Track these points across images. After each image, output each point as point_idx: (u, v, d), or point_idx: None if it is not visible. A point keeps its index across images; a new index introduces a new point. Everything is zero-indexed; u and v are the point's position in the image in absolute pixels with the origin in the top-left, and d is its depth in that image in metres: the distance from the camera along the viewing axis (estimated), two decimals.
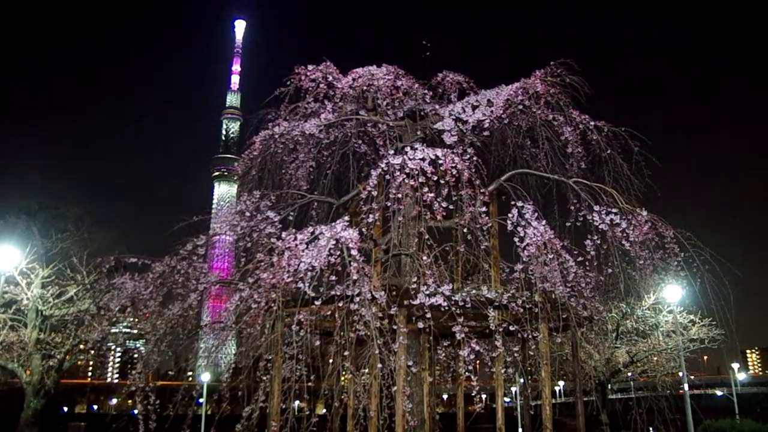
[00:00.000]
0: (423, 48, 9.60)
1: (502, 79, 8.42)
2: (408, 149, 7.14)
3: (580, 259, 7.25)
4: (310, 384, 6.77)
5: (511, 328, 6.82)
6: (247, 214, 8.15)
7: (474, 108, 8.15)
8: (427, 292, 6.59)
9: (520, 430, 18.67)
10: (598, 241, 7.32)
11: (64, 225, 16.94)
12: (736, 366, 43.74)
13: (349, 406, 8.13)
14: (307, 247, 6.60)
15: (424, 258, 6.74)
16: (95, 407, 73.43)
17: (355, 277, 6.20)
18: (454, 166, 6.91)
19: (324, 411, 8.03)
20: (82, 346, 16.34)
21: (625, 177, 7.76)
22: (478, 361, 7.95)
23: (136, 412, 8.16)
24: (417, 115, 8.38)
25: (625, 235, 7.27)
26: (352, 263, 6.28)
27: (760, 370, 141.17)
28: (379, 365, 6.16)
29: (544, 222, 7.18)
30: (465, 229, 7.04)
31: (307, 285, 6.29)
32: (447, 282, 7.04)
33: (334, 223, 6.85)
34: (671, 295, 15.11)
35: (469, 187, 6.90)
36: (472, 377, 6.93)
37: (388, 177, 7.05)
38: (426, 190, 6.84)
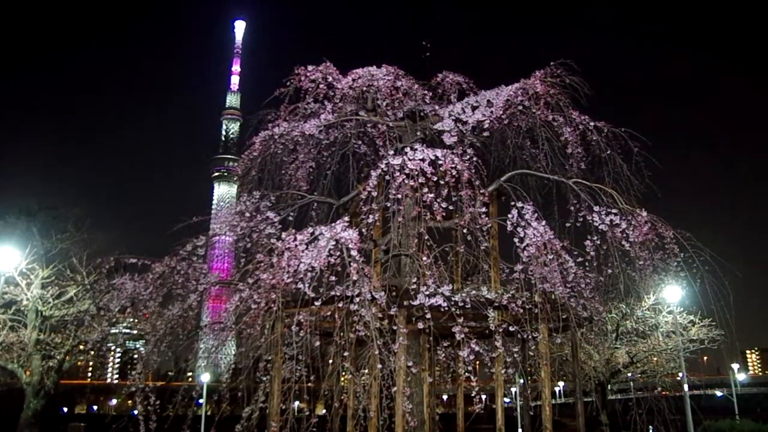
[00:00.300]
0: (423, 48, 9.62)
1: (502, 80, 8.44)
2: (408, 150, 7.14)
3: (580, 259, 7.25)
4: (309, 384, 6.77)
5: (510, 329, 6.81)
6: (247, 215, 8.15)
7: (474, 108, 8.15)
8: (426, 293, 6.59)
9: (520, 431, 18.66)
10: (598, 242, 7.32)
11: (63, 226, 16.96)
12: (735, 366, 43.75)
13: (349, 407, 8.13)
14: (306, 248, 6.60)
15: (424, 258, 6.74)
16: (95, 408, 73.36)
17: (354, 278, 6.21)
18: (453, 166, 6.92)
19: (324, 411, 8.03)
20: (81, 347, 16.35)
21: (624, 177, 7.76)
22: (477, 362, 7.95)
23: (136, 412, 8.16)
24: (417, 115, 8.38)
25: (624, 235, 7.27)
26: (351, 264, 6.28)
27: (760, 370, 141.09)
28: (379, 366, 6.16)
29: (543, 222, 7.18)
30: (465, 230, 7.04)
31: (306, 285, 6.30)
32: (447, 282, 7.04)
33: (333, 224, 6.85)
34: (671, 295, 15.12)
35: (468, 187, 6.90)
36: (472, 378, 6.94)
37: (387, 177, 7.05)
38: (426, 190, 6.84)
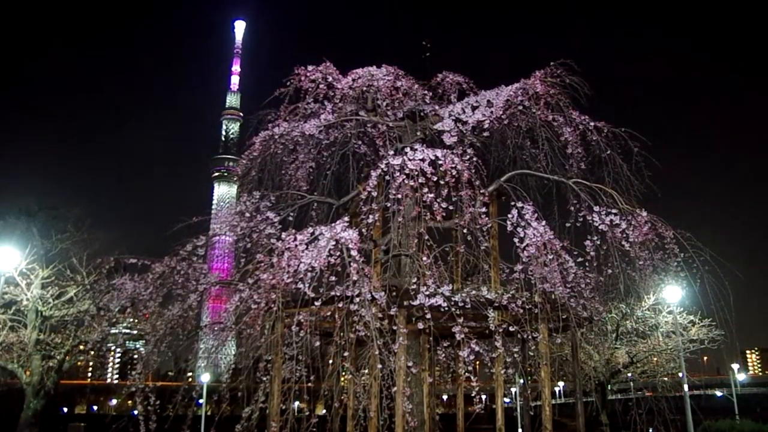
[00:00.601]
0: (423, 48, 9.62)
1: (502, 80, 8.45)
2: (408, 150, 7.14)
3: (580, 259, 7.25)
4: (309, 385, 6.77)
5: (510, 329, 6.81)
6: (247, 215, 8.15)
7: (474, 109, 8.16)
8: (426, 293, 6.59)
9: (520, 431, 18.66)
10: (598, 242, 7.32)
11: (63, 226, 16.98)
12: (735, 367, 43.72)
13: (349, 407, 8.13)
14: (306, 248, 6.60)
15: (424, 259, 6.74)
16: (95, 408, 73.34)
17: (354, 278, 6.21)
18: (453, 166, 6.92)
19: (324, 412, 8.02)
20: (81, 347, 16.35)
21: (624, 177, 7.76)
22: (477, 362, 7.95)
23: (136, 412, 8.16)
24: (417, 115, 8.39)
25: (624, 235, 7.26)
26: (351, 264, 6.28)
27: (760, 370, 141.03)
28: (379, 366, 6.16)
29: (543, 222, 7.18)
30: (465, 230, 7.04)
31: (306, 286, 6.30)
32: (447, 283, 7.04)
33: (333, 224, 6.85)
34: (671, 295, 15.12)
35: (468, 187, 6.90)
36: (472, 378, 6.93)
37: (387, 178, 7.05)
38: (426, 190, 6.84)
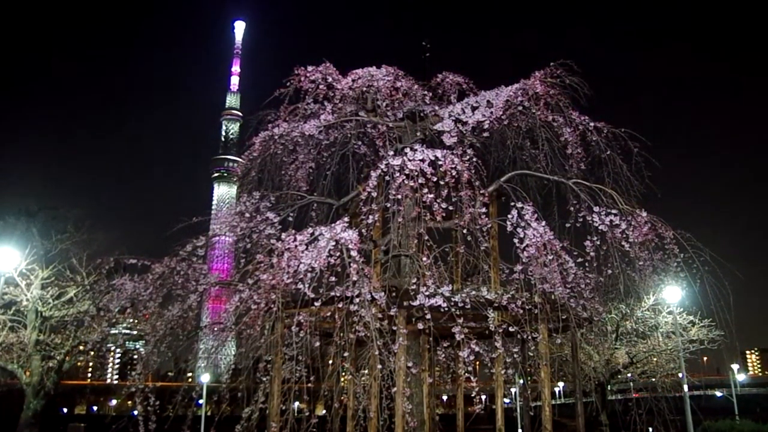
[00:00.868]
0: (423, 49, 9.62)
1: (502, 80, 8.45)
2: (408, 150, 7.15)
3: (580, 260, 7.25)
4: (309, 385, 6.77)
5: (510, 329, 6.82)
6: (247, 215, 8.15)
7: (474, 109, 8.16)
8: (426, 293, 6.59)
9: (520, 431, 18.66)
10: (598, 242, 7.32)
11: (63, 226, 16.99)
12: (735, 367, 43.69)
13: (349, 407, 8.13)
14: (306, 248, 6.60)
15: (424, 259, 6.75)
16: (95, 408, 73.30)
17: (354, 278, 6.21)
18: (453, 167, 6.92)
19: (324, 412, 8.02)
20: (81, 347, 16.35)
21: (624, 178, 7.77)
22: (477, 362, 7.96)
23: (136, 413, 8.15)
24: (417, 116, 8.39)
25: (624, 236, 7.27)
26: (351, 264, 6.28)
27: (760, 371, 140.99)
28: (379, 366, 6.17)
29: (543, 223, 7.18)
30: (465, 230, 7.04)
31: (306, 286, 6.30)
32: (447, 283, 7.04)
33: (333, 224, 6.85)
34: (671, 296, 15.12)
35: (468, 188, 6.91)
36: (472, 378, 6.94)
37: (387, 178, 7.05)
38: (426, 191, 6.85)
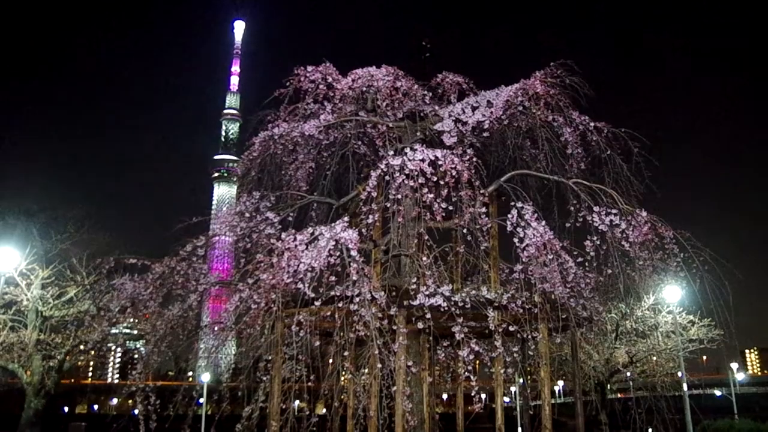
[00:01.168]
0: (423, 49, 9.63)
1: (502, 80, 8.45)
2: (407, 150, 7.16)
3: (580, 259, 7.27)
4: (309, 384, 6.78)
5: (510, 329, 6.83)
6: (247, 215, 8.16)
7: (474, 109, 8.17)
8: (426, 293, 6.60)
9: (520, 430, 18.69)
10: (598, 242, 7.33)
11: (63, 226, 16.98)
12: (735, 366, 43.70)
13: (349, 406, 8.15)
14: (306, 248, 6.62)
15: (424, 259, 6.76)
16: (96, 407, 73.35)
17: (354, 278, 6.22)
18: (453, 167, 6.93)
19: (324, 411, 8.04)
20: (82, 347, 16.36)
21: (624, 178, 7.78)
22: (477, 362, 7.96)
23: (136, 412, 8.17)
24: (417, 116, 8.40)
25: (624, 235, 7.28)
26: (351, 264, 6.29)
27: (759, 370, 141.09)
28: (379, 365, 6.17)
29: (543, 223, 7.19)
30: (464, 230, 7.05)
31: (306, 286, 6.31)
32: (446, 283, 7.06)
33: (333, 224, 6.86)
34: (670, 295, 15.16)
35: (468, 188, 6.92)
36: (472, 377, 6.94)
37: (387, 178, 7.06)
38: (425, 191, 6.85)
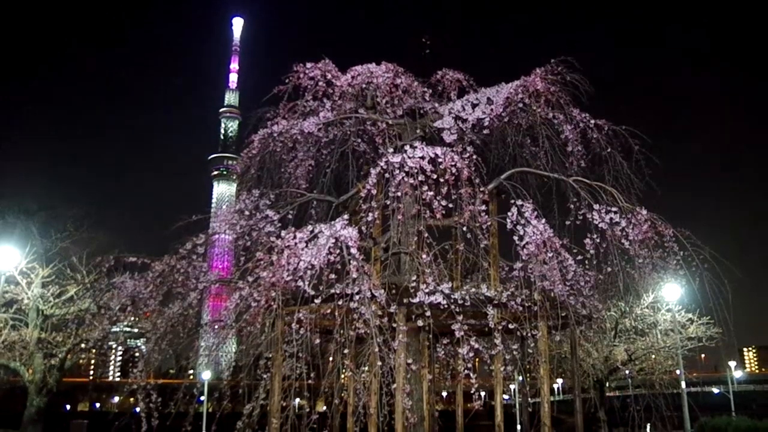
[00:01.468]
0: (422, 46, 9.61)
1: (502, 79, 8.43)
2: (407, 148, 7.15)
3: (580, 257, 7.27)
4: (310, 382, 6.80)
5: (510, 327, 6.84)
6: (247, 213, 8.16)
7: (474, 106, 8.15)
8: (426, 291, 6.61)
9: (519, 427, 18.75)
10: (598, 240, 7.33)
11: (63, 225, 16.98)
12: (733, 364, 43.75)
13: (349, 404, 8.16)
14: (306, 246, 6.62)
15: (424, 256, 6.76)
16: (97, 405, 73.51)
17: (354, 276, 6.22)
18: (453, 164, 6.92)
19: (324, 408, 8.07)
20: (83, 345, 16.37)
21: (625, 175, 7.77)
22: (477, 359, 7.97)
23: (138, 410, 8.19)
24: (416, 113, 8.38)
25: (624, 233, 7.28)
26: (351, 262, 6.29)
27: (757, 368, 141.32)
28: (379, 363, 6.18)
29: (543, 221, 7.19)
30: (464, 228, 7.05)
31: (306, 283, 6.31)
32: (446, 280, 7.06)
33: (333, 222, 6.86)
34: (670, 293, 15.18)
35: (468, 185, 6.91)
36: (471, 375, 6.95)
37: (387, 175, 7.06)
38: (425, 188, 6.85)
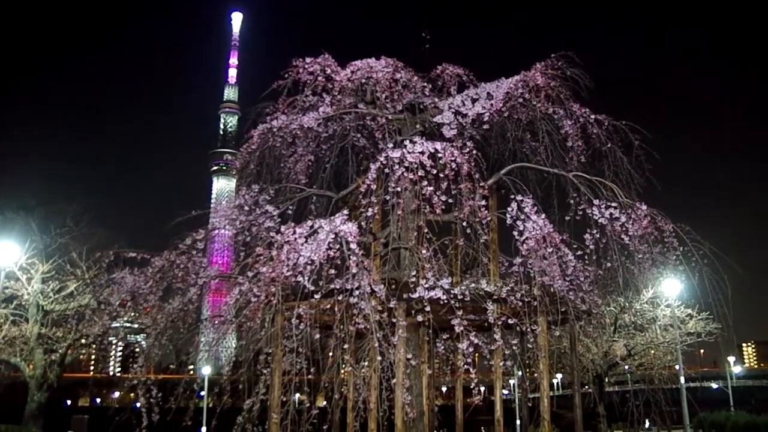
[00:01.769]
0: (422, 40, 9.55)
1: (503, 72, 8.39)
2: (407, 143, 7.13)
3: (579, 253, 7.27)
4: (310, 377, 6.82)
5: (509, 322, 6.85)
6: (246, 209, 8.14)
7: (474, 101, 8.12)
8: (426, 286, 6.61)
9: (518, 422, 18.84)
10: (598, 235, 7.32)
11: (62, 221, 16.96)
12: (731, 359, 43.95)
13: (349, 399, 8.20)
14: (306, 241, 6.61)
15: (423, 252, 6.75)
16: (98, 400, 73.83)
17: (354, 271, 6.22)
18: (453, 159, 6.91)
19: (324, 403, 8.09)
20: (83, 341, 16.42)
21: (625, 171, 7.76)
22: (476, 354, 7.99)
23: (138, 405, 8.21)
24: (416, 108, 8.35)
25: (624, 229, 7.27)
26: (351, 257, 6.29)
27: (756, 363, 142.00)
28: (379, 358, 6.20)
29: (543, 216, 7.18)
30: (464, 223, 7.05)
31: (306, 279, 6.32)
32: (446, 275, 7.05)
33: (333, 217, 6.85)
34: (669, 289, 15.21)
35: (468, 180, 6.90)
36: (471, 370, 6.98)
37: (387, 171, 7.04)
38: (425, 183, 6.83)
